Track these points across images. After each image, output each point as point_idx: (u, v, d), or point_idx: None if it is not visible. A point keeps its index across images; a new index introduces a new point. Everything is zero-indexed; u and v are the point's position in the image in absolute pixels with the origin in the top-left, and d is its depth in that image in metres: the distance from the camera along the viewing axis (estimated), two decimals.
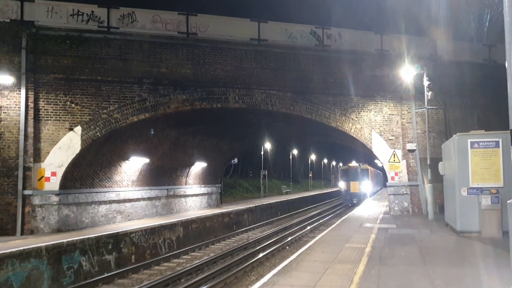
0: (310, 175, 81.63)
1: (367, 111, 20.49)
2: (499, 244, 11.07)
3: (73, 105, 16.40)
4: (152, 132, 19.63)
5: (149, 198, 21.93)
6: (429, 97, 19.14)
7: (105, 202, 18.49)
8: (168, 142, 22.10)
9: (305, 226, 25.66)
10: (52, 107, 16.17)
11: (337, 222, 17.79)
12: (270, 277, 8.00)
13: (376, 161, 33.12)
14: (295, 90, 19.41)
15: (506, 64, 7.02)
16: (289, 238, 20.70)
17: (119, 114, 16.84)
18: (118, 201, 19.45)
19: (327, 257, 10.01)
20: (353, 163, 49.83)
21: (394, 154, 20.28)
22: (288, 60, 19.45)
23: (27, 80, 15.69)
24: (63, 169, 15.94)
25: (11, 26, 15.74)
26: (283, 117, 20.63)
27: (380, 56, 20.66)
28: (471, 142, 12.80)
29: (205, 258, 16.30)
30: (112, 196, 19.01)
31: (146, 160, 20.73)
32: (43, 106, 16.06)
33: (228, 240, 21.77)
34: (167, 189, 23.71)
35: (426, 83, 18.85)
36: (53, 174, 15.82)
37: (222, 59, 18.57)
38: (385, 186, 34.83)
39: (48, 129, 16.02)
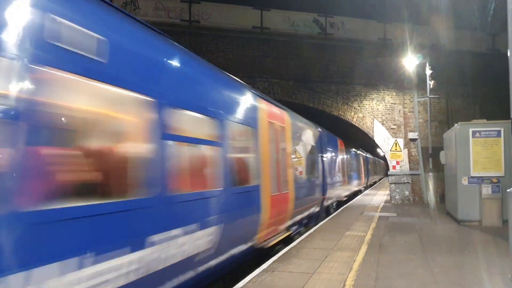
0: None
1: (369, 100, 20.47)
2: (499, 233, 11.10)
3: None
4: None
5: None
6: (431, 86, 19.12)
7: None
8: None
9: None
10: None
11: (338, 211, 17.85)
12: (269, 264, 8.06)
13: (378, 150, 33.10)
14: (298, 79, 19.40)
15: (508, 53, 7.01)
16: None
17: None
18: None
19: (327, 244, 10.06)
20: None
21: (396, 143, 20.29)
22: (290, 49, 19.41)
23: None
24: None
25: None
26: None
27: (383, 45, 20.61)
28: (472, 131, 12.83)
29: None
30: None
31: None
32: None
33: None
34: None
35: (428, 72, 18.83)
36: None
37: (224, 47, 18.55)
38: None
39: None
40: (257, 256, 8.48)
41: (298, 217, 11.65)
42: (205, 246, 5.72)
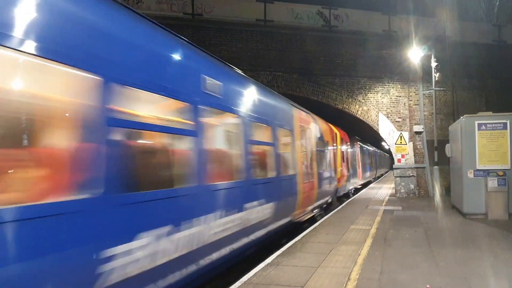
0: None
1: (374, 93, 20.35)
2: (505, 226, 11.05)
3: None
4: None
5: None
6: (436, 79, 18.97)
7: None
8: None
9: None
10: None
11: (343, 204, 17.80)
12: (274, 258, 8.03)
13: (383, 143, 32.99)
14: (301, 72, 19.31)
15: None
16: None
17: None
18: None
19: (331, 238, 10.03)
20: None
21: (401, 136, 20.18)
22: (294, 41, 19.30)
23: None
24: None
25: None
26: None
27: (388, 37, 20.45)
28: (478, 124, 12.70)
29: None
30: None
31: None
32: None
33: None
34: None
35: (433, 64, 18.67)
36: None
37: (227, 41, 18.46)
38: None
39: None
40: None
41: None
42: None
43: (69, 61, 3.45)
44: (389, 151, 29.00)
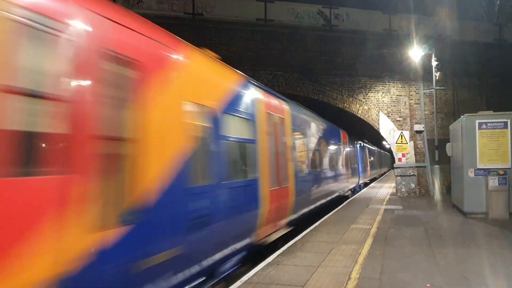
0: None
1: (374, 92, 20.34)
2: (505, 225, 11.05)
3: None
4: None
5: None
6: (437, 78, 18.95)
7: None
8: None
9: None
10: None
11: (344, 204, 17.80)
12: (274, 258, 8.03)
13: (383, 142, 32.95)
14: (302, 71, 19.30)
15: None
16: None
17: None
18: None
19: (332, 237, 10.03)
20: None
21: (401, 136, 20.16)
22: (294, 41, 19.30)
23: None
24: None
25: None
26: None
27: (388, 36, 20.43)
28: (479, 123, 12.69)
29: None
30: None
31: None
32: None
33: None
34: None
35: (434, 63, 18.64)
36: None
37: (228, 40, 18.45)
38: None
39: None
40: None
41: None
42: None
43: None
44: (389, 150, 28.96)
